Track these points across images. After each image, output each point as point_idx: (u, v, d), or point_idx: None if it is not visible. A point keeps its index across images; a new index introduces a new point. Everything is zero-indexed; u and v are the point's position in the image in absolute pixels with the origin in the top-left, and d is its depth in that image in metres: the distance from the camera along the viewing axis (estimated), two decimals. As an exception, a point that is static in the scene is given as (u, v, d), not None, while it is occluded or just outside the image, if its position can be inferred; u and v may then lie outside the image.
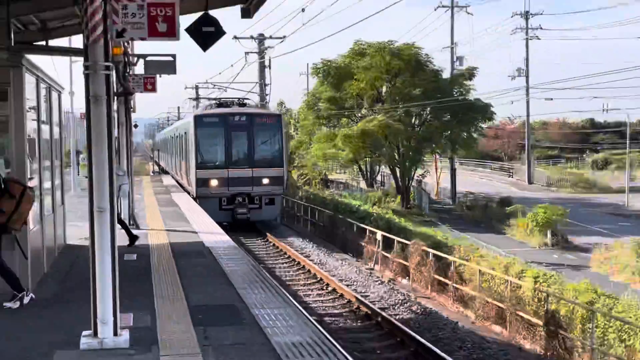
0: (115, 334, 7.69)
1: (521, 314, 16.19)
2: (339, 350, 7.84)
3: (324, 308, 17.71)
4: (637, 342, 14.28)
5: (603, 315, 15.15)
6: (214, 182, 23.75)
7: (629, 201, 46.30)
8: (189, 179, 26.48)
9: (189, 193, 26.21)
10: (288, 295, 11.26)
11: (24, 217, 9.57)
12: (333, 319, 17.17)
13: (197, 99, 58.51)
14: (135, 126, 37.34)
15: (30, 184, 10.27)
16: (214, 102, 28.15)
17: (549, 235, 32.59)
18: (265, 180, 23.71)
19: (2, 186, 9.27)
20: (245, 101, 27.33)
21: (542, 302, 16.26)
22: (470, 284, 18.88)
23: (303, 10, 28.74)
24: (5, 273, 9.51)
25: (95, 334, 7.65)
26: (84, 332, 7.75)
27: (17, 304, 9.42)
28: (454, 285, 19.20)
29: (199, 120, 23.98)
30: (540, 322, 15.61)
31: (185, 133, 28.34)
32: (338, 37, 36.62)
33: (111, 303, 7.68)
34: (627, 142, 53.01)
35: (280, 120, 24.93)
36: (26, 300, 9.56)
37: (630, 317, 15.24)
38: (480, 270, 18.70)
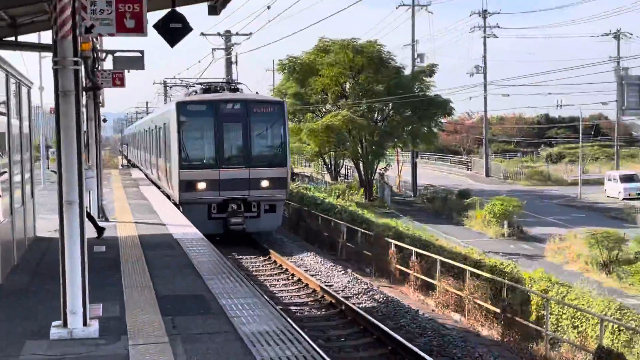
0: (85, 324, 7.73)
1: (479, 302, 16.83)
2: (304, 338, 7.99)
3: (289, 297, 18.02)
4: (589, 328, 14.79)
5: (557, 303, 15.78)
6: (201, 185, 20.81)
7: (581, 193, 48.12)
8: (169, 181, 23.51)
9: (169, 197, 23.89)
10: (254, 285, 11.28)
11: None
12: (298, 307, 17.47)
13: (165, 94, 57.70)
14: (104, 120, 35.77)
15: None
16: (199, 87, 25.11)
17: (505, 226, 33.65)
18: (265, 183, 20.90)
19: None
20: (239, 86, 24.36)
21: (499, 291, 17.03)
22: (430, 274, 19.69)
23: (269, 7, 28.64)
24: None
25: (65, 324, 7.70)
26: (54, 323, 7.80)
27: None
28: (415, 274, 19.77)
29: (182, 108, 20.99)
30: (498, 310, 16.23)
31: (164, 125, 25.23)
32: (304, 34, 38.02)
33: (80, 294, 7.73)
34: (580, 136, 55.54)
35: (283, 108, 22.15)
36: None
37: (583, 305, 15.90)
38: (439, 260, 19.39)
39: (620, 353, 13.99)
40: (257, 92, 27.57)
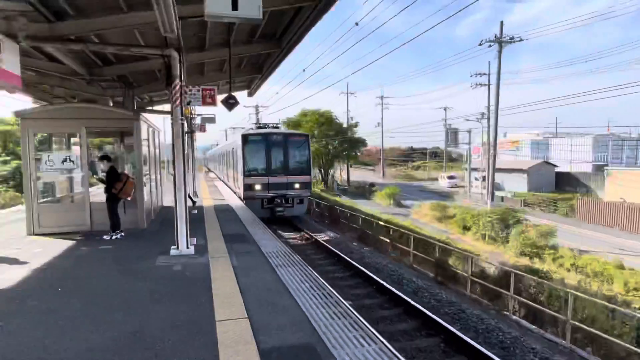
0: (187, 247, 8.92)
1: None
2: (295, 255, 8.90)
3: (290, 237, 19.31)
4: (436, 249, 16.85)
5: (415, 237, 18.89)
6: (257, 187, 21.43)
7: (428, 185, 61.92)
8: (237, 184, 24.00)
9: (236, 194, 24.14)
10: (272, 231, 12.20)
11: (128, 192, 10.45)
12: (293, 241, 18.41)
13: (226, 135, 64.80)
14: (196, 148, 36.81)
15: (132, 175, 11.17)
16: (255, 125, 25.73)
17: (391, 200, 43.53)
18: (297, 185, 21.56)
19: (118, 177, 10.31)
20: (278, 125, 25.50)
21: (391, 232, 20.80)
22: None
23: (277, 93, 35.79)
24: (113, 217, 10.45)
25: (177, 247, 8.92)
26: (172, 247, 9.01)
27: (109, 237, 10.26)
28: (350, 225, 23.75)
29: (246, 138, 21.78)
30: (388, 240, 19.61)
31: (233, 149, 25.55)
32: (295, 106, 58.93)
33: (185, 233, 8.86)
34: (427, 157, 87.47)
35: (307, 139, 22.73)
36: (115, 236, 10.33)
37: (431, 239, 19.02)
38: (362, 217, 24.18)
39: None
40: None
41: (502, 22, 34.99)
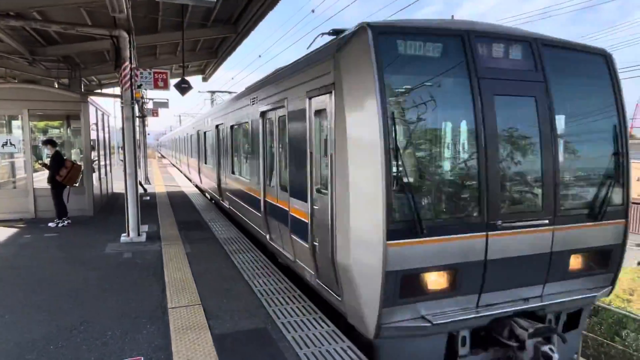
0: (139, 235, 8.81)
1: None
2: (247, 240, 8.72)
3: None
4: None
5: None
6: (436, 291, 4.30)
7: None
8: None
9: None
10: (225, 215, 11.49)
11: (73, 179, 10.12)
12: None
13: (180, 121, 60.32)
14: (148, 134, 34.19)
15: (79, 162, 10.91)
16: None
17: None
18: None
19: (63, 163, 9.95)
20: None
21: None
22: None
23: (232, 78, 31.91)
24: (59, 203, 10.12)
25: (128, 235, 8.79)
26: (123, 234, 8.89)
27: (54, 225, 9.96)
28: None
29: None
30: None
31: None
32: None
33: (136, 219, 8.75)
34: None
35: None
36: (62, 224, 10.03)
37: None
38: None
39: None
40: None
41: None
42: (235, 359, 4.11)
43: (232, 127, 9.68)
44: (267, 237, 7.28)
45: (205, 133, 13.82)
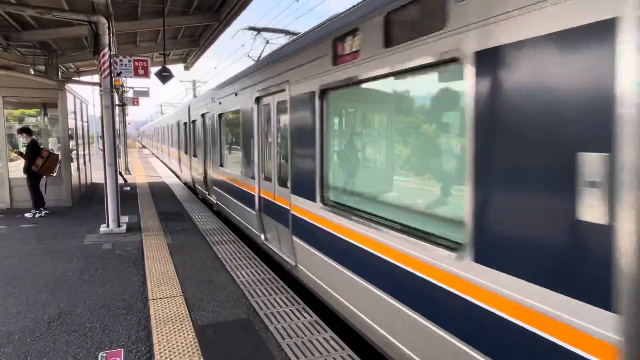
0: (118, 225, 8.69)
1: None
2: (230, 231, 8.77)
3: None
4: None
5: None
6: None
7: None
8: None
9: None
10: (207, 207, 11.56)
11: (50, 169, 9.90)
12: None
13: (161, 111, 56.60)
14: (129, 123, 33.49)
15: (57, 152, 10.72)
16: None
17: None
18: None
19: (39, 152, 9.72)
20: None
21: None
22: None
23: (215, 68, 31.24)
24: (35, 193, 9.92)
25: (108, 225, 8.67)
26: (102, 225, 8.76)
27: (31, 215, 9.79)
28: None
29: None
30: None
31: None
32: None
33: (116, 210, 8.63)
34: None
35: None
36: (39, 214, 9.86)
37: None
38: None
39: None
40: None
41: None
42: (216, 350, 4.09)
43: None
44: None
45: (193, 122, 12.73)
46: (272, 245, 6.72)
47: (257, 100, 6.95)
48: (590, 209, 2.02)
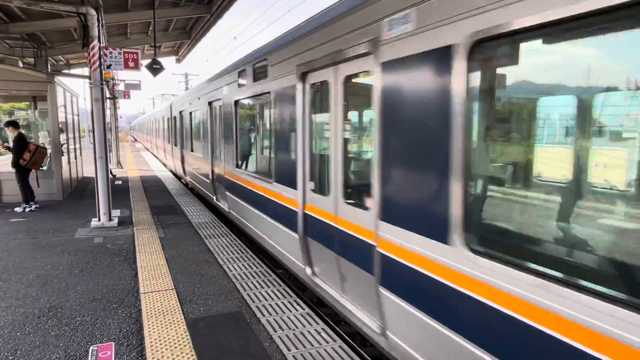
0: (110, 219, 8.64)
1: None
2: (222, 225, 8.77)
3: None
4: None
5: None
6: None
7: None
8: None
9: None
10: (200, 201, 11.51)
11: (38, 162, 9.80)
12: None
13: (153, 104, 55.86)
14: (120, 117, 32.98)
15: (47, 145, 10.63)
16: None
17: None
18: None
19: (27, 146, 9.59)
20: None
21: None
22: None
23: (207, 60, 30.73)
24: (24, 188, 9.83)
25: (99, 219, 8.64)
26: (93, 219, 8.72)
27: (21, 209, 9.74)
28: None
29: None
30: None
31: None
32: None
33: (107, 203, 8.60)
34: None
35: None
36: (29, 209, 9.79)
37: None
38: None
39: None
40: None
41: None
42: (208, 343, 4.10)
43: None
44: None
45: (191, 113, 12.04)
46: (327, 285, 4.87)
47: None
48: None
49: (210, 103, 9.55)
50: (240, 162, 7.83)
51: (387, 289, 3.58)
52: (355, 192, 4.23)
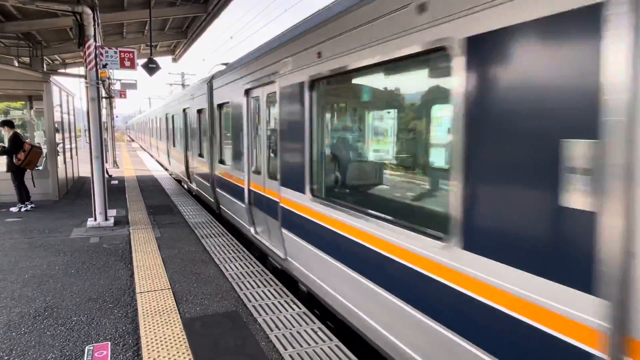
0: (106, 219, 8.64)
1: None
2: (218, 224, 8.79)
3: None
4: None
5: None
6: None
7: None
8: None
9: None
10: (197, 201, 11.47)
11: (33, 162, 9.74)
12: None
13: (150, 103, 55.82)
14: (117, 116, 32.92)
15: (43, 145, 10.58)
16: None
17: None
18: None
19: (22, 146, 9.52)
20: None
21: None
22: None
23: (204, 60, 31.19)
24: (20, 187, 9.81)
25: (95, 219, 8.62)
26: (89, 218, 8.69)
27: (17, 209, 9.70)
28: None
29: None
30: None
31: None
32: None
33: (103, 203, 8.60)
34: None
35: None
36: (25, 209, 9.77)
37: None
38: None
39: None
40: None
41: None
42: (204, 342, 4.10)
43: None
44: None
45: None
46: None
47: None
48: None
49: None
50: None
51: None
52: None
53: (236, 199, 7.75)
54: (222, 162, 8.78)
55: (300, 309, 4.85)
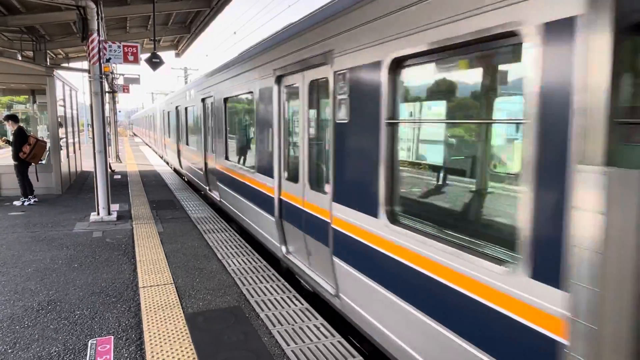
0: (109, 213, 8.67)
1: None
2: (221, 219, 8.81)
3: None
4: None
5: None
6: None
7: None
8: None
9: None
10: (199, 196, 11.49)
11: (38, 156, 9.78)
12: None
13: (152, 99, 56.07)
14: (119, 111, 32.88)
15: (46, 139, 10.58)
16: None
17: None
18: None
19: (26, 140, 9.57)
20: None
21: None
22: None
23: (207, 55, 30.96)
24: (24, 181, 9.82)
25: (98, 213, 8.66)
26: (92, 213, 8.74)
27: (20, 203, 9.73)
28: None
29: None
30: None
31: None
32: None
33: (106, 198, 8.63)
34: None
35: None
36: (28, 202, 9.80)
37: None
38: None
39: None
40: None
41: None
42: (207, 337, 4.10)
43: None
44: None
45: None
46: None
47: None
48: None
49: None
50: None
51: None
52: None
53: (263, 210, 6.38)
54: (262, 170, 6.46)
55: (302, 304, 4.85)
